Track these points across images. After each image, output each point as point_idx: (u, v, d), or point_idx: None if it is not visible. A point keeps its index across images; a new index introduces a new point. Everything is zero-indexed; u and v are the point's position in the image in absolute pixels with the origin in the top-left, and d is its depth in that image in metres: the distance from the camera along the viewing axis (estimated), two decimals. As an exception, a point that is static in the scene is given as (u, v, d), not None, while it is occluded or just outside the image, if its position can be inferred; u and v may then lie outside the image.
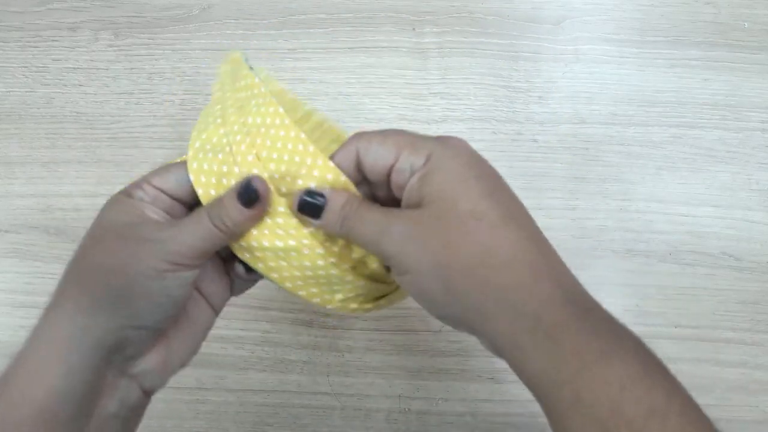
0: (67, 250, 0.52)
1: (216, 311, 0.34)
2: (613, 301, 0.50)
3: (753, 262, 0.51)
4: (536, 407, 0.47)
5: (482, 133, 0.54)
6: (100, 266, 0.29)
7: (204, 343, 0.47)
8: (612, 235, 0.52)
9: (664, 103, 0.55)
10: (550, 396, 0.25)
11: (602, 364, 0.24)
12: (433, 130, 0.54)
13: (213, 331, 0.48)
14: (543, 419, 0.48)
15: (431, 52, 0.57)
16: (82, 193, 0.53)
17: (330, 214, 0.28)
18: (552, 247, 0.28)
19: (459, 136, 0.29)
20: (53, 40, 0.58)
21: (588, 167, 0.53)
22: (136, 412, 0.31)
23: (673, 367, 0.25)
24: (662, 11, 0.58)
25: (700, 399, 0.25)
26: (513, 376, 0.48)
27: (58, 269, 0.53)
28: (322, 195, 0.28)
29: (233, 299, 0.35)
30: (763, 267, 0.51)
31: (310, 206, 0.28)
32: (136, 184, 0.31)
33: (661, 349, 0.25)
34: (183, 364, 0.33)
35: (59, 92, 0.56)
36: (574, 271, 0.28)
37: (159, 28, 0.58)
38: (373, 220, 0.28)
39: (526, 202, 0.30)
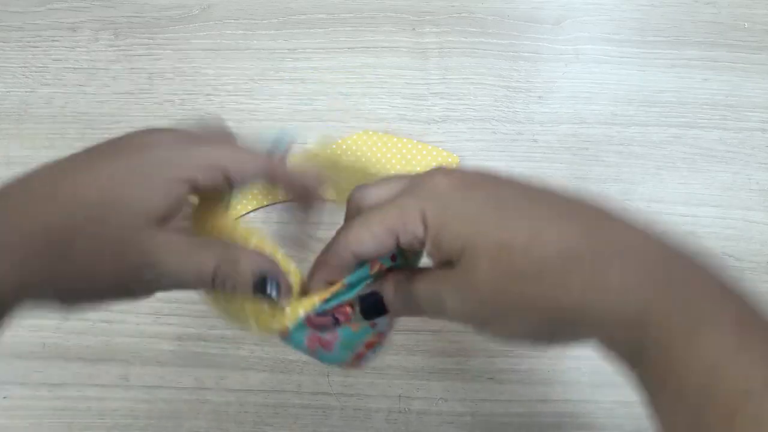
0: (67, 250, 0.52)
1: None
2: (613, 301, 0.49)
3: (753, 262, 0.51)
4: (536, 407, 0.47)
5: (482, 133, 0.54)
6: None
7: (204, 343, 0.48)
8: (612, 235, 0.52)
9: (664, 103, 0.55)
10: (640, 379, 0.24)
11: (692, 338, 0.22)
12: (433, 130, 0.54)
13: (213, 331, 0.48)
14: (543, 419, 0.48)
15: (431, 52, 0.57)
16: (82, 193, 0.53)
17: (393, 310, 0.28)
18: (608, 215, 0.26)
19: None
20: (53, 40, 0.57)
21: (588, 167, 0.53)
22: None
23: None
24: (662, 11, 0.58)
25: (701, 399, 0.24)
26: (513, 376, 0.48)
27: (58, 269, 0.52)
28: (375, 293, 0.28)
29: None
30: (763, 267, 0.51)
31: (374, 308, 0.28)
32: (200, 158, 0.27)
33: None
34: None
35: (59, 92, 0.56)
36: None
37: (159, 28, 0.58)
38: (426, 295, 0.27)
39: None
